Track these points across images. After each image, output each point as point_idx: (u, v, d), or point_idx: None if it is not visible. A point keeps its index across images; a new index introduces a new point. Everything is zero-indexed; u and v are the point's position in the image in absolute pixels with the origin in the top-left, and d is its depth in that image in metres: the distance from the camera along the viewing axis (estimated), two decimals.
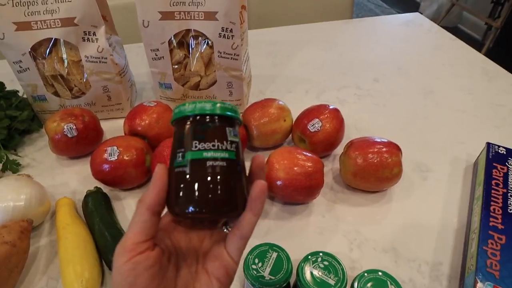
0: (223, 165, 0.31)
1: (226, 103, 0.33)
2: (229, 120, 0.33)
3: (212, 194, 0.31)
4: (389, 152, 0.56)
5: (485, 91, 0.85)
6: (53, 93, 0.71)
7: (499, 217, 0.51)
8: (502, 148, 0.62)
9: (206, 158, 0.31)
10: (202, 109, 0.32)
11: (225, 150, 0.32)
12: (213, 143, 0.31)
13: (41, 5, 0.62)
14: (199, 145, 0.31)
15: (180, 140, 0.33)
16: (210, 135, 0.32)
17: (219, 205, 0.31)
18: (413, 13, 1.21)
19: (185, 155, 0.31)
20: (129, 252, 0.29)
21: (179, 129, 0.33)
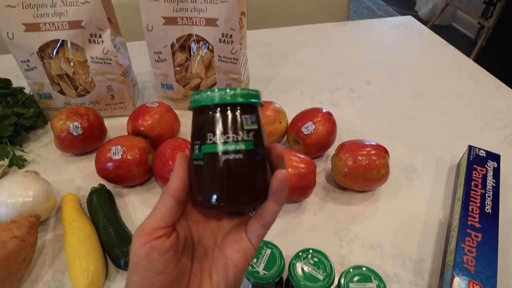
0: (239, 158, 0.30)
1: (241, 89, 0.31)
2: (244, 107, 0.31)
3: (229, 188, 0.30)
4: (377, 154, 0.60)
5: (472, 95, 0.88)
6: (59, 91, 0.74)
7: (476, 216, 0.55)
8: (482, 150, 0.66)
9: (221, 151, 0.30)
10: (212, 99, 0.30)
11: (241, 141, 0.30)
12: (227, 135, 0.30)
13: (50, 8, 0.64)
14: (213, 138, 0.30)
15: (196, 131, 0.32)
16: (224, 127, 0.30)
17: (237, 199, 0.31)
18: (406, 17, 1.25)
19: (201, 148, 0.31)
20: (146, 236, 0.30)
21: (195, 119, 0.32)
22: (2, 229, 0.50)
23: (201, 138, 0.31)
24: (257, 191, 0.31)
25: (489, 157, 0.65)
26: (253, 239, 0.32)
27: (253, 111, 0.32)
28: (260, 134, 0.32)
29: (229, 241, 0.33)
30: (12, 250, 0.49)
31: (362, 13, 3.56)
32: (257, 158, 0.31)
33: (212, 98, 0.30)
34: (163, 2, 0.66)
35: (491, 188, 0.60)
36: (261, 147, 0.31)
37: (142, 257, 0.29)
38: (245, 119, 0.31)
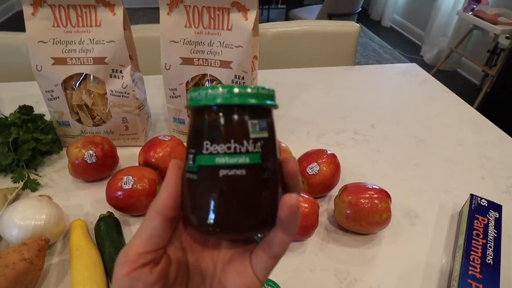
0: (242, 175, 0.25)
1: (250, 86, 0.25)
2: (253, 111, 0.25)
3: (228, 211, 0.25)
4: (380, 198, 0.62)
5: (475, 143, 0.91)
6: (77, 120, 0.77)
7: (477, 266, 0.55)
8: (484, 200, 0.67)
9: (220, 165, 0.24)
10: (212, 97, 0.25)
11: (245, 154, 0.25)
12: (228, 144, 0.24)
13: (78, 45, 0.69)
14: (210, 148, 0.25)
15: (192, 136, 0.26)
16: (225, 134, 0.25)
17: (238, 224, 0.25)
18: (411, 64, 1.29)
19: (195, 158, 0.25)
20: (130, 264, 0.25)
21: (192, 121, 0.27)
22: (13, 251, 0.52)
23: (196, 146, 0.26)
24: (262, 216, 0.26)
25: (490, 207, 0.66)
26: (260, 272, 0.28)
27: (263, 115, 0.26)
28: (271, 144, 0.26)
29: (230, 272, 0.28)
30: (20, 272, 0.50)
31: (369, 56, 3.66)
32: (265, 174, 0.25)
33: (212, 97, 0.25)
34: (182, 44, 0.70)
35: (493, 238, 0.60)
36: (270, 160, 0.26)
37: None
38: (253, 125, 0.25)
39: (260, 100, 0.25)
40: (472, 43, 3.23)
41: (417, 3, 4.03)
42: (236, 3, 0.66)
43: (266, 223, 0.26)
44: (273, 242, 0.27)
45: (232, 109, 0.25)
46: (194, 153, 0.26)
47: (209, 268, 0.29)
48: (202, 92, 0.25)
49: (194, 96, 0.26)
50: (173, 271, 0.27)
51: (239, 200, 0.25)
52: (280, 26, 1.32)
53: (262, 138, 0.25)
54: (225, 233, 0.26)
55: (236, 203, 0.25)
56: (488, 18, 2.56)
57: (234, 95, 0.25)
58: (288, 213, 0.25)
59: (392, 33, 4.34)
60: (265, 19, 4.43)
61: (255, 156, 0.25)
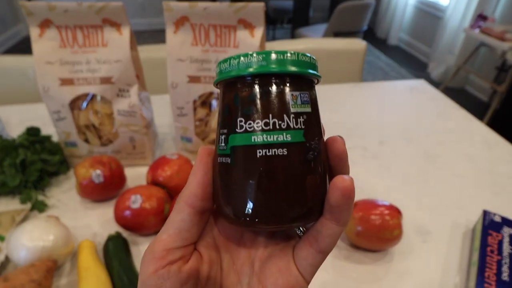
0: (283, 155, 0.21)
1: (292, 52, 0.22)
2: (293, 81, 0.22)
3: (268, 198, 0.22)
4: (391, 215, 0.61)
5: (485, 159, 0.89)
6: (84, 140, 0.78)
7: (493, 283, 0.54)
8: (497, 216, 0.66)
9: (257, 144, 0.21)
10: (246, 65, 0.22)
11: (285, 130, 0.21)
12: (266, 120, 0.21)
13: (85, 65, 0.70)
14: (245, 125, 0.22)
15: (223, 115, 0.23)
16: (262, 108, 0.22)
17: (280, 213, 0.22)
18: (419, 80, 1.29)
19: (228, 139, 0.23)
20: (157, 261, 0.23)
21: (222, 97, 0.24)
22: (22, 272, 0.52)
23: (228, 125, 0.23)
24: (308, 204, 0.22)
25: (505, 223, 0.65)
26: (305, 269, 0.24)
27: (305, 87, 0.23)
28: (315, 120, 0.23)
29: (271, 270, 0.24)
30: None
31: (375, 74, 3.67)
32: (309, 155, 0.22)
33: (245, 65, 0.22)
34: (189, 62, 0.71)
35: (508, 254, 0.59)
36: (315, 139, 0.23)
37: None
38: (294, 97, 0.22)
39: (302, 68, 0.22)
40: (479, 60, 3.23)
41: (423, 21, 4.06)
42: (243, 21, 0.66)
43: (312, 212, 0.23)
44: (321, 234, 0.23)
45: (269, 78, 0.22)
46: (226, 133, 0.23)
47: (246, 267, 0.26)
48: (234, 61, 0.22)
49: (224, 67, 0.23)
50: (205, 270, 0.24)
51: (280, 184, 0.22)
52: (286, 44, 1.33)
53: (304, 112, 0.22)
54: (265, 224, 0.22)
55: (277, 189, 0.22)
56: (495, 35, 2.57)
57: (271, 62, 0.21)
58: (341, 198, 0.21)
59: (399, 51, 4.36)
60: (271, 38, 4.49)
61: (297, 133, 0.22)
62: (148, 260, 0.23)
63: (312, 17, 4.82)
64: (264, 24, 0.67)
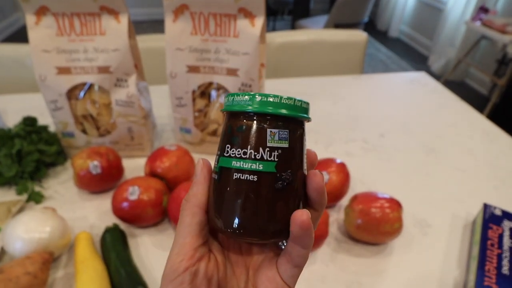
0: (253, 180, 0.25)
1: (274, 96, 0.26)
2: (275, 119, 0.26)
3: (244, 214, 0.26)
4: (391, 207, 0.60)
5: (485, 152, 0.89)
6: (82, 130, 0.77)
7: (493, 277, 0.54)
8: (498, 209, 0.66)
9: (235, 168, 0.26)
10: (238, 103, 0.26)
11: (259, 161, 0.25)
12: (244, 149, 0.26)
13: (82, 54, 0.69)
14: (230, 151, 0.26)
15: (221, 139, 0.28)
16: (243, 139, 0.26)
17: (248, 229, 0.26)
18: (420, 72, 1.28)
19: (219, 159, 0.27)
20: (188, 260, 0.26)
21: (224, 124, 0.28)
22: (17, 264, 0.51)
23: (221, 148, 0.27)
24: (277, 225, 0.26)
25: (505, 216, 0.64)
26: (287, 280, 0.28)
27: (284, 126, 0.26)
28: (291, 155, 0.26)
29: (262, 279, 0.28)
30: (24, 286, 0.49)
31: (376, 66, 3.66)
32: (277, 184, 0.26)
33: (236, 103, 0.26)
34: (188, 52, 0.69)
35: (508, 248, 0.59)
36: (288, 171, 0.26)
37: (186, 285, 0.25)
38: (272, 133, 0.26)
39: (281, 109, 0.26)
40: (480, 53, 3.21)
41: (424, 13, 4.03)
42: (243, 10, 0.65)
43: (281, 232, 0.26)
44: (292, 254, 0.27)
45: (252, 116, 0.26)
46: (219, 154, 0.27)
47: (243, 274, 0.29)
48: (235, 97, 0.27)
49: (225, 101, 0.28)
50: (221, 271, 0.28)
51: (249, 205, 0.26)
52: (286, 36, 1.32)
53: (280, 147, 0.26)
54: (239, 236, 0.26)
55: (246, 208, 0.26)
56: (496, 27, 2.55)
57: (254, 103, 0.26)
58: (299, 230, 0.25)
59: (399, 43, 4.33)
60: (271, 30, 4.46)
61: (269, 165, 0.25)
62: (178, 262, 0.26)
63: (313, 9, 4.77)
64: (265, 14, 0.66)
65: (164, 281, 0.26)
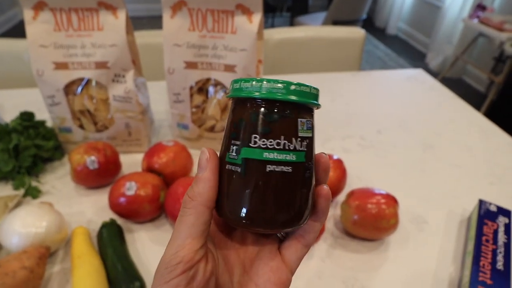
0: (288, 171, 0.25)
1: (301, 84, 0.25)
2: (303, 109, 0.26)
3: (270, 207, 0.25)
4: (387, 203, 0.60)
5: (482, 149, 0.89)
6: (79, 126, 0.77)
7: (488, 273, 0.54)
8: (493, 205, 0.66)
9: (267, 160, 0.24)
10: (270, 92, 0.24)
11: (292, 151, 0.25)
12: (278, 140, 0.25)
13: (80, 49, 0.68)
14: (259, 142, 0.25)
15: (236, 127, 0.26)
16: (276, 130, 0.25)
17: (278, 220, 0.26)
18: (417, 69, 1.28)
19: (240, 150, 0.25)
20: (186, 263, 0.24)
21: (237, 111, 0.26)
22: (14, 259, 0.51)
23: (242, 138, 0.25)
24: (302, 213, 0.26)
25: (500, 212, 0.65)
26: (293, 262, 0.28)
27: (310, 115, 0.27)
28: (313, 144, 0.27)
29: (264, 270, 0.28)
30: (20, 281, 0.49)
31: (374, 63, 3.66)
32: (306, 173, 0.26)
33: (268, 90, 0.25)
34: (186, 48, 0.69)
35: (503, 244, 0.59)
36: (312, 160, 0.27)
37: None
38: (301, 123, 0.25)
39: (312, 99, 0.26)
40: (477, 50, 3.22)
41: (422, 11, 4.03)
42: (241, 6, 0.65)
43: (301, 218, 0.26)
44: (306, 231, 0.28)
45: (287, 106, 0.25)
46: (239, 145, 0.25)
47: (237, 268, 0.29)
48: (256, 83, 0.25)
49: (245, 86, 0.25)
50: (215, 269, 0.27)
51: (282, 195, 0.25)
52: (284, 32, 1.32)
53: (307, 137, 0.26)
54: (264, 227, 0.26)
55: (279, 198, 0.25)
56: (493, 25, 2.55)
57: (290, 92, 0.25)
58: (325, 203, 0.27)
59: (397, 40, 4.33)
60: (270, 26, 4.45)
61: (301, 154, 0.25)
62: (173, 265, 0.24)
63: (312, 6, 4.77)
64: (262, 10, 0.66)
65: (158, 281, 0.25)
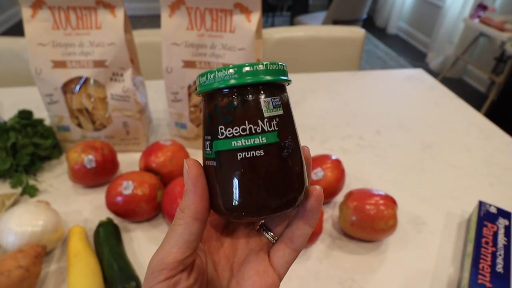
0: (260, 155, 0.24)
1: (262, 63, 0.25)
2: (264, 88, 0.25)
3: (254, 193, 0.25)
4: (386, 204, 0.60)
5: (481, 149, 0.89)
6: (77, 124, 0.76)
7: (487, 275, 0.54)
8: (493, 207, 0.66)
9: (237, 148, 0.24)
10: (221, 79, 0.24)
11: (261, 134, 0.24)
12: (242, 126, 0.24)
13: (78, 47, 0.68)
14: (226, 132, 0.24)
15: (206, 123, 0.26)
16: (238, 116, 0.24)
17: (266, 205, 0.25)
18: (417, 69, 1.28)
19: (212, 145, 0.25)
20: (169, 271, 0.25)
21: (205, 107, 0.27)
22: (9, 258, 0.51)
23: (211, 132, 0.25)
24: (288, 193, 0.25)
25: (500, 214, 0.64)
26: (281, 267, 0.28)
27: (276, 92, 0.26)
28: (288, 120, 0.26)
29: (249, 274, 0.28)
30: (15, 280, 0.49)
31: (374, 63, 3.65)
32: (284, 153, 0.25)
33: (220, 79, 0.24)
34: (184, 47, 0.69)
35: (503, 246, 0.59)
36: (289, 138, 0.25)
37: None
38: (265, 103, 0.25)
39: (272, 76, 0.25)
40: (478, 50, 3.21)
41: (423, 10, 4.02)
42: (239, 5, 0.65)
43: (290, 201, 0.26)
44: (295, 234, 0.27)
45: (242, 89, 0.24)
46: (210, 139, 0.25)
47: (225, 272, 0.29)
48: (210, 75, 0.25)
49: (202, 81, 0.25)
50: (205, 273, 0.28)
51: (261, 181, 0.25)
52: (284, 31, 1.31)
53: (277, 115, 0.25)
54: (251, 216, 0.25)
55: (259, 184, 0.25)
56: (494, 25, 2.55)
57: (242, 75, 0.24)
58: (316, 204, 0.26)
59: (398, 40, 4.32)
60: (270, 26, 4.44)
61: (272, 135, 0.24)
62: (159, 270, 0.25)
63: (312, 5, 4.76)
64: (261, 9, 0.66)
65: (145, 283, 0.25)
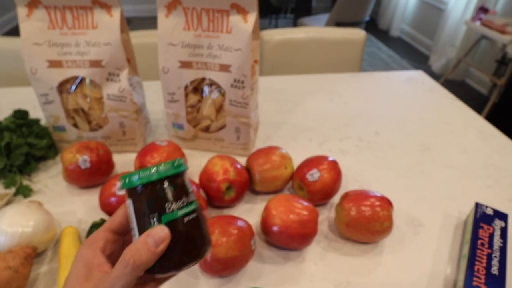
0: (195, 216, 0.34)
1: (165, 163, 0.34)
2: (184, 174, 0.36)
3: (202, 245, 0.34)
4: (381, 206, 0.59)
5: (480, 151, 0.88)
6: (73, 124, 0.76)
7: (482, 277, 0.53)
8: (489, 209, 0.65)
9: (182, 215, 0.34)
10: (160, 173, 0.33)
11: (193, 202, 0.35)
12: (183, 200, 0.34)
13: (74, 47, 0.68)
14: (172, 206, 0.33)
15: (151, 207, 0.34)
16: (178, 193, 0.34)
17: (204, 250, 0.35)
18: (417, 71, 1.27)
19: (160, 218, 0.33)
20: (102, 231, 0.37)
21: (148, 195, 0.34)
22: None
23: (157, 211, 0.33)
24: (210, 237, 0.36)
25: (496, 216, 0.64)
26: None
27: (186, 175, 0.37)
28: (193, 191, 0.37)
29: None
30: (4, 281, 0.48)
31: (376, 65, 3.64)
32: (200, 214, 0.36)
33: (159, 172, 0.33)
34: (181, 47, 0.69)
35: (498, 248, 0.58)
36: (198, 202, 0.36)
37: None
38: (187, 182, 0.36)
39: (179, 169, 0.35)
40: (480, 53, 3.20)
41: (426, 13, 4.02)
42: (236, 5, 0.65)
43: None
44: None
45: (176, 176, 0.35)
46: (157, 216, 0.33)
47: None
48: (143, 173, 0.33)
49: (135, 179, 0.33)
50: None
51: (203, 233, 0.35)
52: (285, 33, 1.31)
53: (192, 189, 0.36)
54: (197, 259, 0.35)
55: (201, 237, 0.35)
56: (496, 27, 2.54)
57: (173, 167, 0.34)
58: None
59: (400, 42, 4.32)
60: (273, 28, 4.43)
61: (196, 202, 0.35)
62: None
63: (315, 7, 4.76)
64: (258, 10, 0.65)
65: None
